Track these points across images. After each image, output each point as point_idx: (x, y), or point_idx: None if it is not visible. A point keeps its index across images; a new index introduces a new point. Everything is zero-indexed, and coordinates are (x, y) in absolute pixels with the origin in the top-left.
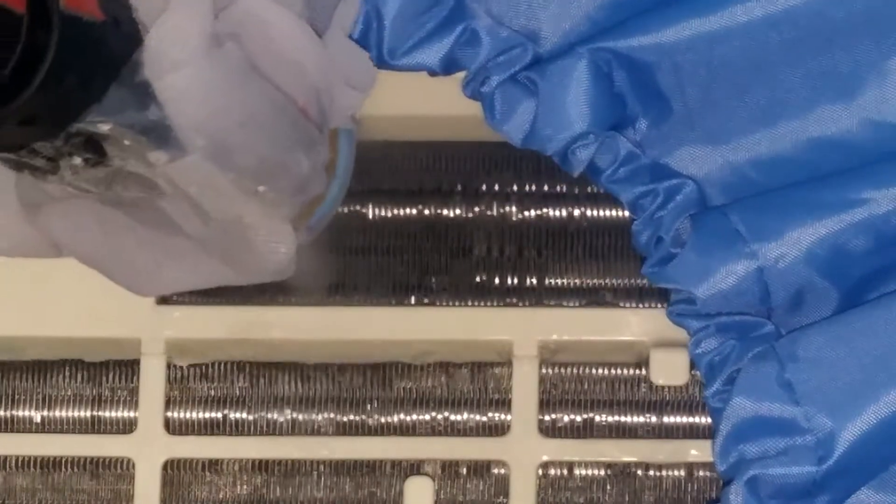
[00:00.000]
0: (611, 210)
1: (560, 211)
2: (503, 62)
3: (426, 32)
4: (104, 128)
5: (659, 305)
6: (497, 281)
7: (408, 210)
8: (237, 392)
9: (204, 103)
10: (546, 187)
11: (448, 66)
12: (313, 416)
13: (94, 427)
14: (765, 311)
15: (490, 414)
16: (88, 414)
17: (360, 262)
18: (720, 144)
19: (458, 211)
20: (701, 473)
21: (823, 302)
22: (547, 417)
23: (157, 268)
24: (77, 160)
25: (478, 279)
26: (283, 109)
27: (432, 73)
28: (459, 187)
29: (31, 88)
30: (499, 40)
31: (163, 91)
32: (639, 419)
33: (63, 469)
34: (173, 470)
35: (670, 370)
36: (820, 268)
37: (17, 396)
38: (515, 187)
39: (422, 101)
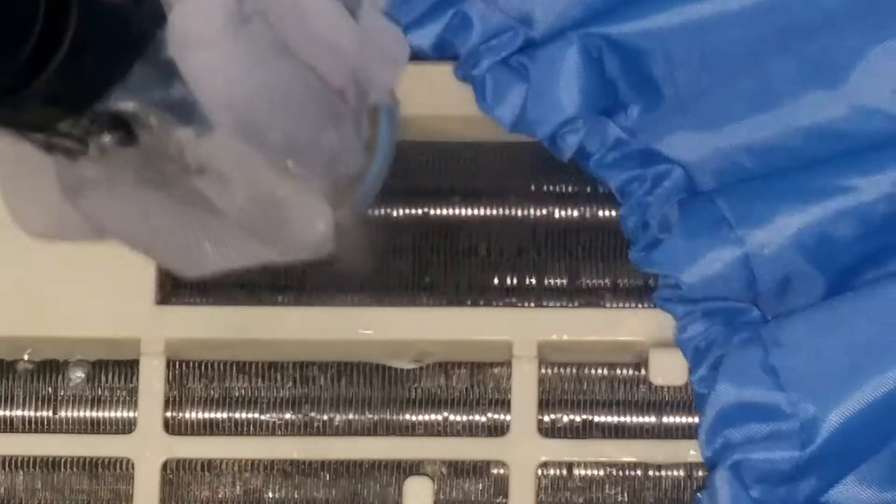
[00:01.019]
0: (611, 210)
1: (560, 211)
2: (495, 46)
3: (417, 16)
4: (129, 106)
5: None
6: (497, 281)
7: (408, 210)
8: (237, 392)
9: (229, 80)
10: (546, 187)
11: (440, 50)
12: (313, 416)
13: (94, 427)
14: (751, 298)
15: (490, 414)
16: (88, 414)
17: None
18: (711, 130)
19: (458, 211)
20: (700, 473)
21: (810, 288)
22: (546, 418)
23: (200, 248)
24: (106, 139)
25: (478, 279)
26: (309, 85)
27: (424, 57)
28: (459, 187)
29: (51, 68)
30: (490, 24)
31: (187, 68)
32: (638, 419)
33: (62, 469)
34: (173, 470)
35: (669, 370)
36: (806, 254)
37: (16, 396)
38: (515, 187)
39: (422, 102)
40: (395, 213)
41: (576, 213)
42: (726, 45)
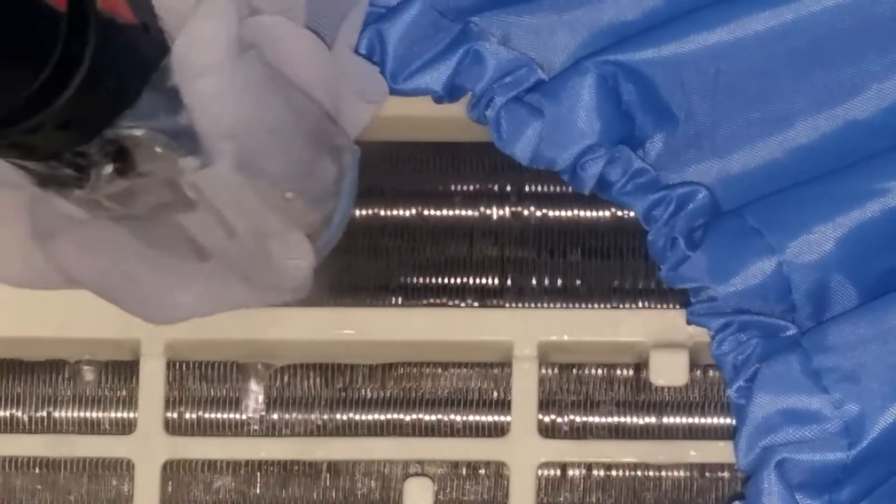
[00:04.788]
0: (611, 210)
1: (560, 211)
2: (509, 83)
3: (430, 56)
4: (137, 133)
5: (659, 306)
6: (497, 281)
7: (408, 210)
8: (237, 392)
9: (232, 109)
10: (546, 187)
11: (452, 90)
12: (313, 417)
13: (94, 427)
14: (787, 310)
15: (490, 414)
16: (88, 414)
17: (360, 263)
18: (729, 157)
19: (458, 211)
20: (700, 474)
21: (845, 296)
22: (546, 418)
23: (169, 294)
24: (107, 170)
25: (478, 279)
26: (310, 115)
27: (438, 100)
28: (459, 187)
29: (70, 90)
30: (503, 61)
31: (191, 97)
32: (638, 420)
33: (63, 470)
34: (173, 470)
35: (670, 371)
36: (840, 260)
37: (17, 396)
38: (515, 187)
39: (422, 102)
40: (395, 214)
41: (576, 214)
42: (740, 72)
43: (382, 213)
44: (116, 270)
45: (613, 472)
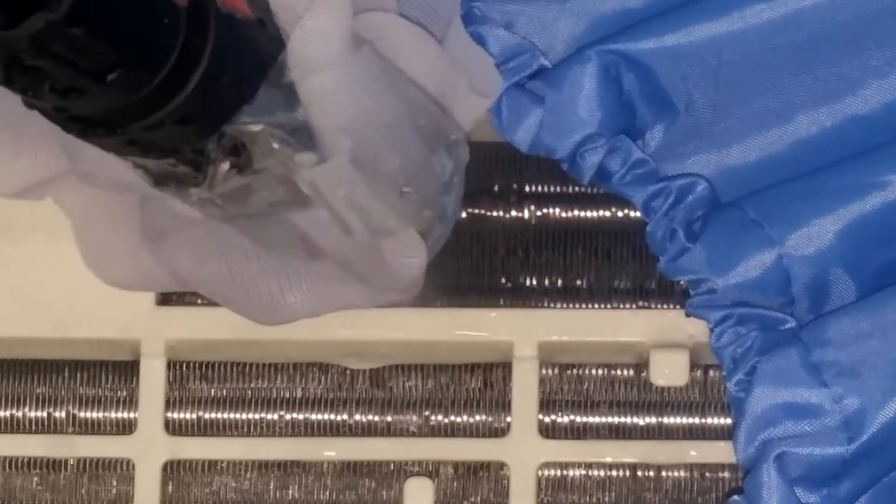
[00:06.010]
0: (611, 211)
1: (560, 211)
2: (512, 68)
3: None
4: (255, 128)
5: (659, 306)
6: (497, 281)
7: None
8: (237, 392)
9: (348, 104)
10: (546, 187)
11: None
12: (313, 417)
13: (94, 428)
14: (786, 303)
15: (490, 415)
16: (88, 415)
17: None
18: (729, 150)
19: None
20: (701, 474)
21: (843, 289)
22: (547, 418)
23: (281, 295)
24: (224, 166)
25: (478, 279)
26: (425, 109)
27: None
28: None
29: (190, 86)
30: (506, 46)
31: (307, 92)
32: (639, 420)
33: (63, 470)
34: (173, 471)
35: (670, 371)
36: (839, 253)
37: (17, 396)
38: (515, 187)
39: None
40: None
41: (576, 214)
42: (742, 63)
43: None
44: (227, 271)
45: (613, 473)
